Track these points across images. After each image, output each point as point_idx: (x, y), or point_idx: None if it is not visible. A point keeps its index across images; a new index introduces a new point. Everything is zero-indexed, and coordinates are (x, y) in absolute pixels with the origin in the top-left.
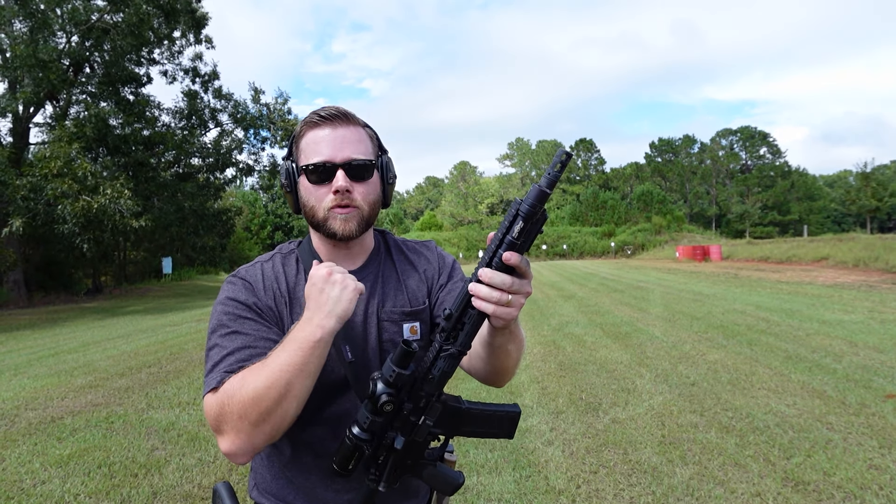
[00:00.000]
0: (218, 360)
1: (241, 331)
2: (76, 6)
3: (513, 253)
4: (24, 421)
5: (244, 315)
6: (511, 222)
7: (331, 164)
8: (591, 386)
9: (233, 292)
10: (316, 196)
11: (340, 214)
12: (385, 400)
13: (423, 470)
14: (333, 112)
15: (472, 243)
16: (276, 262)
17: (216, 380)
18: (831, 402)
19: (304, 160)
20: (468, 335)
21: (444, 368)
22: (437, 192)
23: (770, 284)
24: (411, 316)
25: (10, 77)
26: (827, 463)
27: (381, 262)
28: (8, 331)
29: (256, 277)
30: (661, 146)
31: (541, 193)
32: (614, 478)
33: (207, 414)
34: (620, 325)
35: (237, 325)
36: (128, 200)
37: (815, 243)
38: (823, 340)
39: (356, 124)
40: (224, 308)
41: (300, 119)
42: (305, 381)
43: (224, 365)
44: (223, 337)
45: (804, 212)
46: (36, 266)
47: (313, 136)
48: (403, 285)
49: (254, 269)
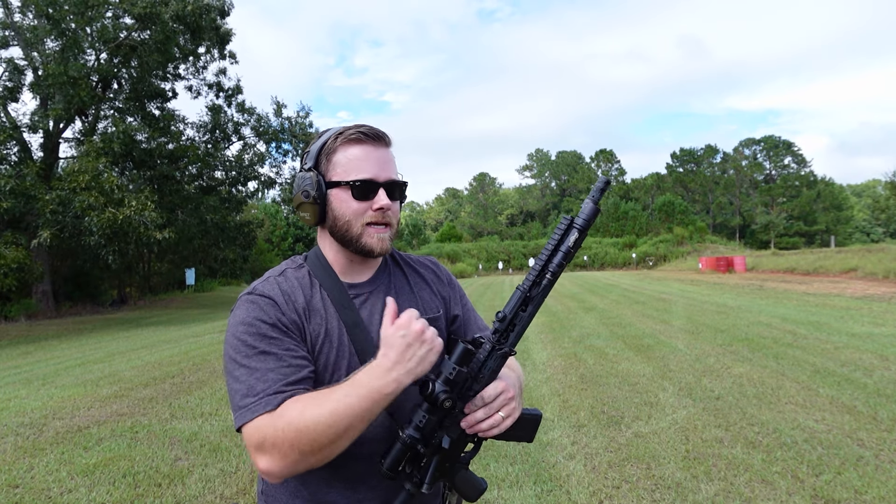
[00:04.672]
0: (257, 383)
1: (273, 351)
2: (105, 25)
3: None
4: (51, 430)
5: (271, 335)
6: (564, 234)
7: (376, 183)
8: (613, 399)
9: (256, 311)
10: (354, 211)
11: (378, 233)
12: (444, 397)
13: (457, 473)
14: (377, 132)
15: (492, 254)
16: (290, 277)
17: (271, 403)
18: (862, 417)
19: (342, 175)
20: (517, 335)
21: (494, 367)
22: (457, 203)
23: (797, 296)
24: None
25: (42, 94)
26: (858, 481)
27: (391, 274)
28: (36, 341)
29: (276, 293)
30: (683, 156)
31: (595, 210)
32: (637, 493)
33: (253, 435)
34: (642, 338)
35: (267, 345)
36: (152, 213)
37: (844, 254)
38: (853, 354)
39: (390, 145)
40: (248, 329)
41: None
42: (363, 426)
43: (268, 387)
44: (254, 358)
45: (831, 222)
46: (64, 278)
47: (355, 153)
48: (417, 296)
49: (270, 285)
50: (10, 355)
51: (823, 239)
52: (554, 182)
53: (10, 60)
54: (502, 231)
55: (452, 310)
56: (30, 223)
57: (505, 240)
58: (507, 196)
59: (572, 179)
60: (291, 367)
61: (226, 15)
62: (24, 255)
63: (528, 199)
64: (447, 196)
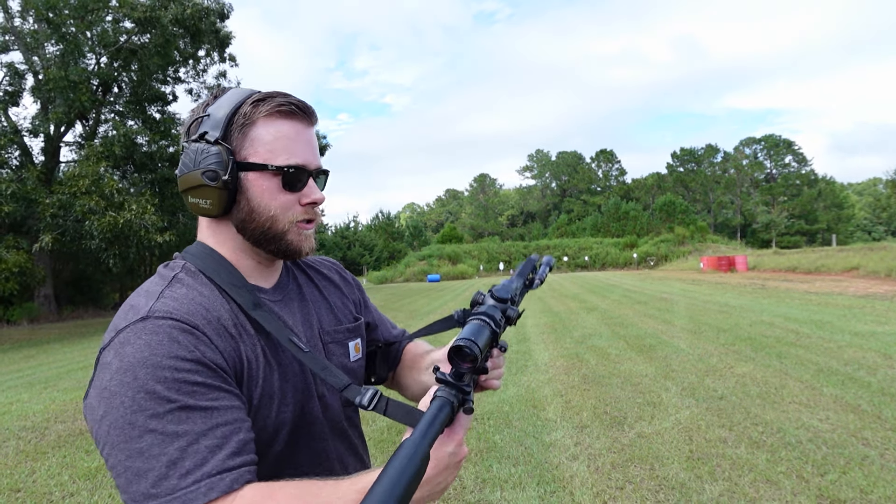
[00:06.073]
0: (183, 456)
1: (201, 405)
2: (105, 29)
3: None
4: (53, 434)
5: (195, 380)
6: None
7: (307, 171)
8: (615, 399)
9: (166, 346)
10: (282, 204)
11: (305, 230)
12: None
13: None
14: (309, 107)
15: (493, 255)
16: (193, 287)
17: (216, 488)
18: (866, 416)
19: (267, 156)
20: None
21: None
22: (457, 204)
23: (799, 295)
24: (353, 333)
25: (43, 98)
26: (863, 480)
27: (296, 277)
28: (39, 344)
29: (193, 313)
30: (683, 156)
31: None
32: (641, 494)
33: None
34: (644, 338)
35: (190, 395)
36: (152, 216)
37: (845, 253)
38: (856, 353)
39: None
40: (155, 374)
41: (220, 89)
42: None
43: (202, 460)
44: (169, 418)
45: (832, 221)
46: (66, 281)
47: (285, 130)
48: (330, 303)
49: (178, 303)
50: (13, 359)
51: (825, 238)
52: (554, 183)
53: (11, 65)
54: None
55: (365, 315)
56: (31, 227)
57: (506, 241)
58: (508, 197)
59: (573, 180)
60: (231, 425)
61: (225, 18)
62: (25, 259)
63: (528, 200)
64: (448, 197)
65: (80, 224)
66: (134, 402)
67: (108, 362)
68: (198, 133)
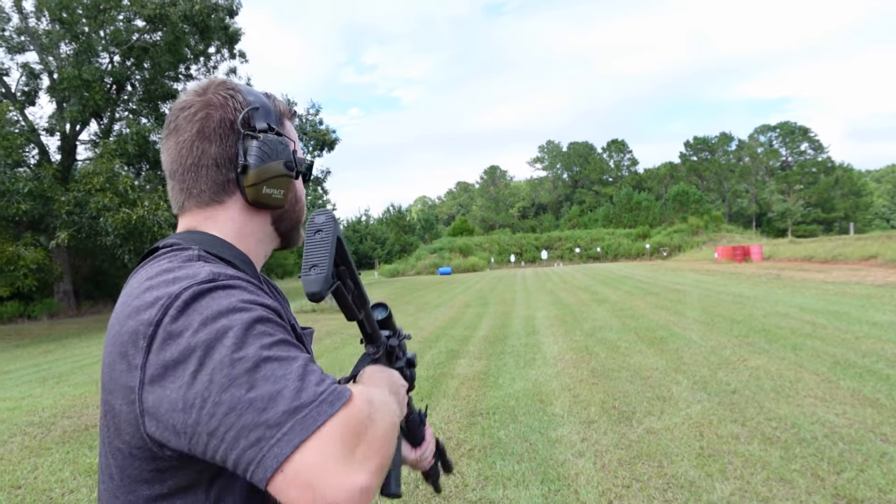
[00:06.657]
0: (306, 371)
1: (294, 342)
2: (118, 28)
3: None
4: (59, 429)
5: (281, 322)
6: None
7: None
8: (624, 394)
9: (247, 294)
10: (304, 195)
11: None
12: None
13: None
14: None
15: (504, 247)
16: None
17: (344, 391)
18: (885, 410)
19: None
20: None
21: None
22: (468, 196)
23: (815, 285)
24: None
25: (58, 98)
26: (882, 478)
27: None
28: (58, 339)
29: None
30: (697, 144)
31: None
32: (648, 493)
33: (341, 433)
34: (656, 330)
35: (284, 333)
36: (165, 212)
37: (863, 241)
38: (874, 344)
39: None
40: (247, 316)
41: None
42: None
43: (322, 373)
44: (276, 348)
45: (849, 209)
46: (84, 277)
47: (292, 129)
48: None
49: (234, 278)
50: (32, 354)
51: (842, 226)
52: (566, 174)
53: (27, 65)
54: (514, 224)
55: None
56: (48, 224)
57: (517, 232)
58: (519, 189)
59: (584, 171)
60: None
61: (234, 14)
62: (43, 256)
63: (539, 192)
64: (459, 190)
65: (95, 221)
66: (236, 342)
67: (183, 325)
68: (265, 124)
